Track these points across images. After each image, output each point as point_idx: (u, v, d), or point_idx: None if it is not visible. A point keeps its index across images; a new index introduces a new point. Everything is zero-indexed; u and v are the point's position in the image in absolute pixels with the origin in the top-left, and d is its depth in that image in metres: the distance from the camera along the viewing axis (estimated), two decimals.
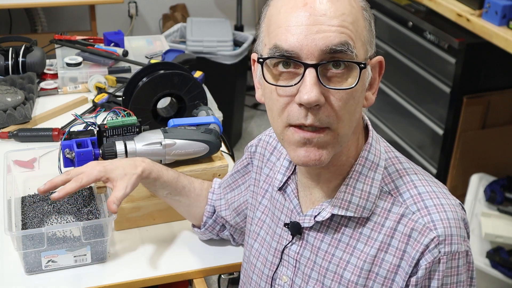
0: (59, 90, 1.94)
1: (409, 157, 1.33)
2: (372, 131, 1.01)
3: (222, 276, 1.42)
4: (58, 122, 1.77)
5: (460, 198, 2.38)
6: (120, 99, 1.70)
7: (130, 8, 4.03)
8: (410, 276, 0.92)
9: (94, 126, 1.41)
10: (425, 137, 2.70)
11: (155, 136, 1.35)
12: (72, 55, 2.03)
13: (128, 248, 1.35)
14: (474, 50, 2.38)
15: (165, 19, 4.04)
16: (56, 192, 1.15)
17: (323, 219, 0.98)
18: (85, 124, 1.43)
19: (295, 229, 1.02)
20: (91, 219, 1.36)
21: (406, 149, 2.81)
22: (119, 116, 1.41)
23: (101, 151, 1.31)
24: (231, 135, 3.29)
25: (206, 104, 1.63)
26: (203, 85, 1.82)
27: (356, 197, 0.96)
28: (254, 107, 3.80)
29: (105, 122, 1.38)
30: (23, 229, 1.33)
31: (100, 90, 1.90)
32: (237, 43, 3.21)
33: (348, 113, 0.89)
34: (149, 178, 1.21)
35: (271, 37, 0.89)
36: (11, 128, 1.72)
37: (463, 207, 0.98)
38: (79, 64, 1.99)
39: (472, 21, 2.24)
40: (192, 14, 4.09)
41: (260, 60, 0.90)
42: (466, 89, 2.46)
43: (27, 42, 2.01)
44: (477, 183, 2.41)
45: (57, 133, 1.68)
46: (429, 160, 2.69)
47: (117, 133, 1.37)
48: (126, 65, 2.03)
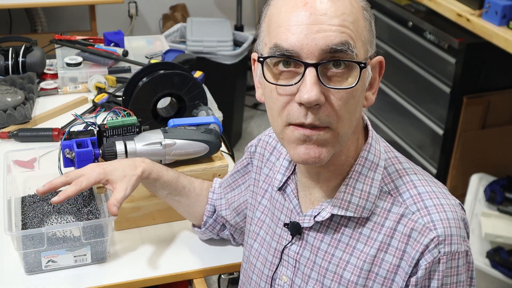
0: (59, 90, 1.94)
1: (409, 157, 1.33)
2: (372, 131, 1.01)
3: (222, 276, 1.42)
4: (58, 122, 1.77)
5: (460, 198, 2.37)
6: (120, 99, 1.70)
7: (130, 8, 4.03)
8: (410, 276, 0.92)
9: (94, 126, 1.41)
10: (425, 137, 2.70)
11: (155, 136, 1.35)
12: (72, 55, 2.03)
13: (128, 248, 1.35)
14: (474, 50, 2.38)
15: (165, 19, 4.04)
16: (56, 196, 1.15)
17: (323, 219, 0.98)
18: (85, 124, 1.43)
19: (295, 229, 1.02)
20: (91, 219, 1.36)
21: (406, 149, 2.81)
22: (119, 116, 1.41)
23: (101, 151, 1.31)
24: (231, 135, 3.29)
25: (206, 104, 1.63)
26: (203, 85, 1.82)
27: (356, 197, 0.96)
28: (254, 107, 3.80)
29: (105, 122, 1.38)
30: (23, 229, 1.33)
31: (100, 90, 1.90)
32: (237, 43, 3.21)
33: (348, 112, 0.89)
34: (149, 178, 1.21)
35: (272, 37, 0.89)
36: (11, 128, 1.72)
37: (462, 207, 0.98)
38: (79, 64, 1.99)
39: (472, 21, 2.24)
40: (192, 14, 4.09)
41: (261, 59, 0.90)
42: (466, 89, 2.46)
43: (27, 42, 2.01)
44: (477, 183, 2.41)
45: (57, 133, 1.67)
46: (429, 160, 2.69)
47: (117, 133, 1.37)
48: (126, 65, 2.03)
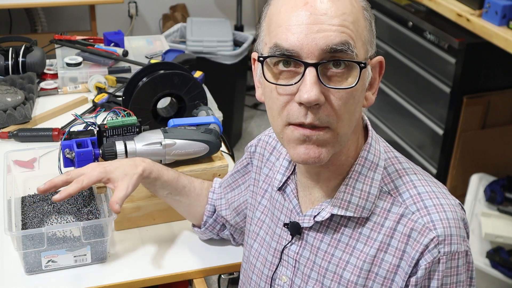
0: (59, 90, 1.94)
1: (409, 157, 1.33)
2: (372, 131, 1.01)
3: (222, 276, 1.42)
4: (58, 122, 1.77)
5: (460, 198, 2.37)
6: (120, 99, 1.70)
7: (130, 8, 4.03)
8: (410, 276, 0.92)
9: (94, 126, 1.41)
10: (425, 137, 2.70)
11: (155, 136, 1.35)
12: (72, 55, 2.03)
13: (128, 248, 1.35)
14: (474, 50, 2.38)
15: (165, 19, 4.04)
16: (57, 194, 1.15)
17: (323, 219, 0.98)
18: (85, 124, 1.43)
19: (295, 229, 1.02)
20: (91, 219, 1.36)
21: (406, 149, 2.81)
22: (119, 116, 1.41)
23: (101, 151, 1.31)
24: (231, 135, 3.29)
25: (206, 104, 1.63)
26: (203, 85, 1.82)
27: (356, 197, 0.96)
28: (254, 107, 3.80)
29: (105, 122, 1.38)
30: (23, 229, 1.33)
31: (100, 90, 1.90)
32: (237, 43, 3.21)
33: (347, 112, 0.89)
34: (149, 178, 1.21)
35: (272, 36, 0.89)
36: (11, 128, 1.72)
37: (462, 207, 0.98)
38: (79, 64, 1.99)
39: (472, 21, 2.24)
40: (192, 14, 4.09)
41: (261, 59, 0.90)
42: (466, 89, 2.46)
43: (27, 42, 2.01)
44: (477, 183, 2.41)
45: (57, 133, 1.67)
46: (429, 160, 2.69)
47: (117, 133, 1.37)
48: (126, 65, 2.03)
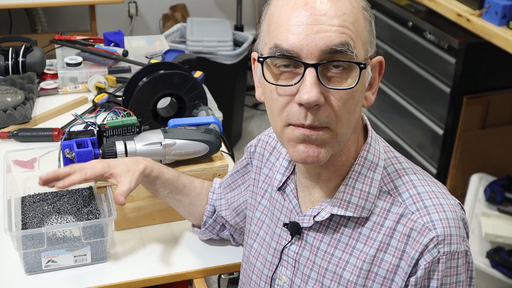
0: (59, 90, 1.94)
1: (409, 157, 1.33)
2: (372, 131, 1.01)
3: (222, 276, 1.42)
4: (58, 122, 1.77)
5: (460, 198, 2.38)
6: (120, 99, 1.70)
7: (130, 8, 4.03)
8: (410, 276, 0.92)
9: (94, 126, 1.41)
10: (425, 137, 2.70)
11: (155, 136, 1.35)
12: (72, 55, 2.03)
13: (128, 248, 1.35)
14: (474, 50, 2.38)
15: (165, 19, 4.04)
16: (60, 182, 1.14)
17: (322, 219, 0.98)
18: (85, 124, 1.43)
19: (294, 229, 1.02)
20: (91, 219, 1.36)
21: (406, 149, 2.81)
22: (119, 116, 1.41)
23: (101, 151, 1.31)
24: (231, 135, 3.29)
25: (206, 104, 1.63)
26: (203, 85, 1.82)
27: (356, 197, 0.96)
28: (254, 107, 3.80)
29: (105, 122, 1.38)
30: (23, 229, 1.33)
31: (100, 90, 1.90)
32: (237, 43, 3.21)
33: (347, 113, 0.89)
34: (150, 176, 1.21)
35: (272, 37, 0.89)
36: (11, 128, 1.72)
37: (462, 207, 0.98)
38: (79, 64, 1.99)
39: (472, 21, 2.24)
40: (192, 14, 4.09)
41: (260, 59, 0.90)
42: (466, 89, 2.46)
43: (27, 42, 2.01)
44: (477, 183, 2.41)
45: (57, 133, 1.68)
46: (429, 160, 2.69)
47: (117, 133, 1.37)
48: (126, 65, 2.03)
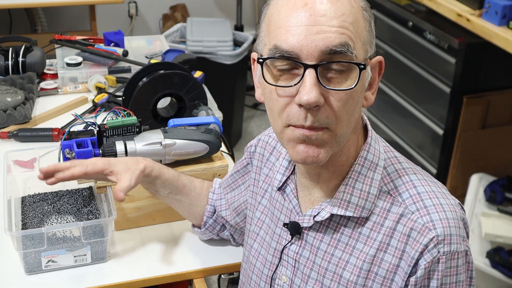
0: (59, 90, 1.94)
1: (409, 157, 1.33)
2: (371, 131, 1.01)
3: (222, 276, 1.42)
4: (58, 122, 1.77)
5: (460, 198, 2.37)
6: (120, 99, 1.70)
7: (130, 8, 4.03)
8: (409, 276, 0.92)
9: (94, 126, 1.41)
10: (425, 137, 2.70)
11: (155, 136, 1.35)
12: (72, 55, 2.03)
13: (128, 248, 1.35)
14: (474, 50, 2.38)
15: (165, 19, 4.04)
16: (60, 173, 1.14)
17: (322, 219, 0.98)
18: (85, 124, 1.43)
19: (295, 229, 1.03)
20: (91, 219, 1.36)
21: (406, 149, 2.81)
22: (119, 116, 1.41)
23: (101, 151, 1.31)
24: (231, 135, 3.29)
25: (206, 104, 1.63)
26: (203, 85, 1.82)
27: (356, 197, 0.96)
28: (254, 107, 3.80)
29: (105, 122, 1.38)
30: (23, 229, 1.33)
31: (100, 90, 1.90)
32: (237, 43, 3.21)
33: (347, 113, 0.89)
34: (150, 176, 1.21)
35: (271, 37, 0.89)
36: (11, 128, 1.72)
37: (462, 207, 0.98)
38: (79, 64, 1.99)
39: (472, 21, 2.24)
40: (192, 14, 4.09)
41: (260, 60, 0.90)
42: (466, 89, 2.46)
43: (27, 42, 2.01)
44: (477, 183, 2.41)
45: (57, 133, 1.68)
46: (429, 160, 2.69)
47: (117, 133, 1.37)
48: (126, 65, 2.03)
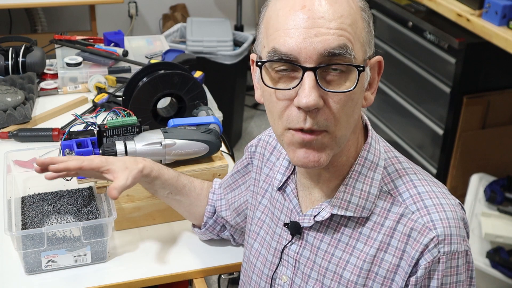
0: (59, 90, 1.94)
1: (409, 157, 1.33)
2: (372, 131, 1.01)
3: (222, 276, 1.42)
4: (58, 122, 1.78)
5: (460, 198, 2.37)
6: (120, 99, 1.70)
7: (130, 8, 4.03)
8: (410, 276, 0.92)
9: (94, 126, 1.41)
10: (425, 137, 2.70)
11: (155, 136, 1.35)
12: (72, 55, 2.03)
13: (128, 248, 1.35)
14: (474, 50, 2.38)
15: (165, 19, 4.04)
16: (56, 165, 1.14)
17: (323, 219, 0.98)
18: (85, 124, 1.43)
19: (295, 229, 1.03)
20: (91, 219, 1.36)
21: (406, 149, 2.81)
22: (119, 116, 1.41)
23: (101, 151, 1.31)
24: (231, 135, 3.29)
25: (206, 104, 1.63)
26: (203, 85, 1.82)
27: (356, 197, 0.96)
28: (254, 107, 3.80)
29: (105, 122, 1.38)
30: (23, 229, 1.33)
31: (100, 90, 1.90)
32: (237, 43, 3.21)
33: (346, 115, 0.89)
34: (150, 176, 1.21)
35: (270, 40, 0.89)
36: (11, 128, 1.72)
37: (462, 207, 0.98)
38: (79, 64, 1.99)
39: (472, 21, 2.24)
40: (192, 14, 4.09)
41: (259, 63, 0.90)
42: (466, 89, 2.46)
43: (27, 42, 2.01)
44: (477, 183, 2.41)
45: (57, 133, 1.68)
46: (429, 160, 2.69)
47: (117, 133, 1.37)
48: (126, 65, 2.03)
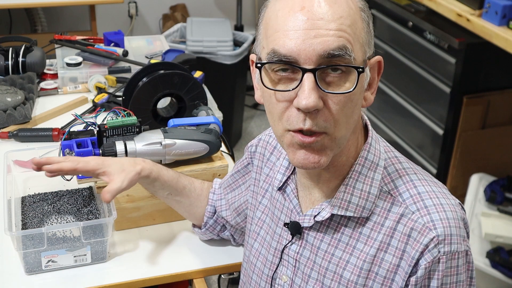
0: (59, 90, 1.94)
1: (409, 157, 1.33)
2: (372, 131, 1.01)
3: (222, 276, 1.42)
4: (58, 122, 1.77)
5: (460, 198, 2.37)
6: (120, 99, 1.70)
7: (130, 8, 4.03)
8: (410, 276, 0.92)
9: (94, 126, 1.41)
10: (425, 137, 2.70)
11: (155, 136, 1.35)
12: (72, 55, 2.03)
13: (128, 248, 1.35)
14: (474, 50, 2.38)
15: (165, 19, 4.04)
16: (50, 165, 1.15)
17: (323, 219, 0.98)
18: (85, 124, 1.43)
19: (295, 229, 1.03)
20: (91, 219, 1.36)
21: (406, 149, 2.81)
22: (119, 116, 1.41)
23: (101, 151, 1.31)
24: (231, 135, 3.29)
25: (206, 104, 1.63)
26: (203, 85, 1.82)
27: (356, 197, 0.96)
28: (254, 107, 3.80)
29: (105, 122, 1.38)
30: (23, 229, 1.33)
31: (100, 90, 1.90)
32: (237, 43, 3.21)
33: (345, 116, 0.89)
34: (149, 177, 1.21)
35: (269, 41, 0.88)
36: (11, 128, 1.72)
37: (462, 207, 0.98)
38: (79, 64, 1.99)
39: (472, 21, 2.24)
40: (192, 14, 4.09)
41: (258, 65, 0.90)
42: (466, 89, 2.46)
43: (27, 42, 2.01)
44: (477, 183, 2.41)
45: (57, 133, 1.68)
46: (429, 160, 2.69)
47: (117, 133, 1.37)
48: (126, 65, 2.03)
